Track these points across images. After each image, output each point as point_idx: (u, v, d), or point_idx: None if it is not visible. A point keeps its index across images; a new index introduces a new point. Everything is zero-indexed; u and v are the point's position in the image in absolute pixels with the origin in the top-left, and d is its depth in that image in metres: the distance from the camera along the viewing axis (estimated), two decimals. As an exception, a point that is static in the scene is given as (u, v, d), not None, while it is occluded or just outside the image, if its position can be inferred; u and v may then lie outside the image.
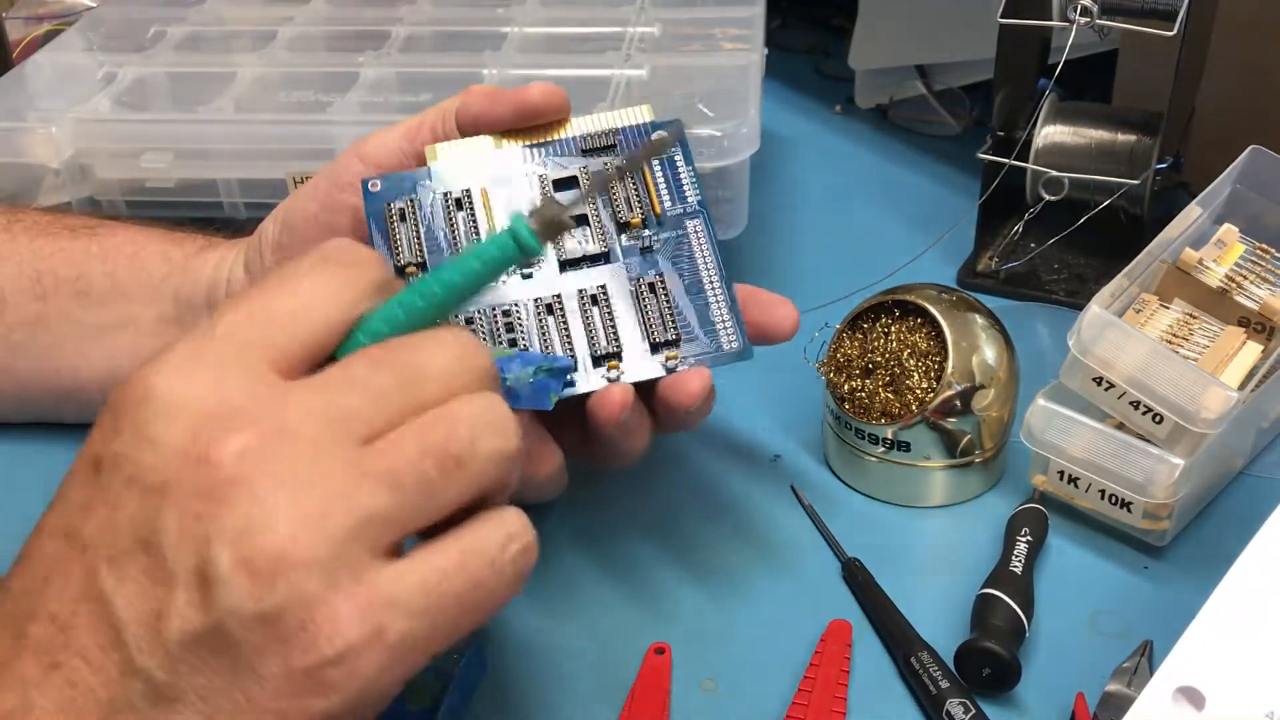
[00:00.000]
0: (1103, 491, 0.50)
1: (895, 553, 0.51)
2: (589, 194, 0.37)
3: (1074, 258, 0.68)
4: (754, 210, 0.66)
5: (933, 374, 0.51)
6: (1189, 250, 0.53)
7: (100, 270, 0.55)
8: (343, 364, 0.33)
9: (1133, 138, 0.65)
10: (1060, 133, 0.66)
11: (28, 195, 0.67)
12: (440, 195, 0.48)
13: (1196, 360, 0.50)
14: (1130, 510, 0.50)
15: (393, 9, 0.79)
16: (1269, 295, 0.51)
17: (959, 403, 0.51)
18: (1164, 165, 0.64)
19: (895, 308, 0.53)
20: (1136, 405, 0.49)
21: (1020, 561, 0.48)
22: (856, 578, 0.49)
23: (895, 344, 0.52)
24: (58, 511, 0.33)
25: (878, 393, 0.52)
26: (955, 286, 0.60)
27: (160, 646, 0.30)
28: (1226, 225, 0.54)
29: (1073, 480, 0.51)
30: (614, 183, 0.48)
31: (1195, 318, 0.52)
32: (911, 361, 0.52)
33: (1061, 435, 0.50)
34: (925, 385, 0.51)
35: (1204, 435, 0.48)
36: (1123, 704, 0.41)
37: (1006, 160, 0.64)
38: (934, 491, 0.53)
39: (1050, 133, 0.66)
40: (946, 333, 0.51)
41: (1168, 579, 0.50)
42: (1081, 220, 0.64)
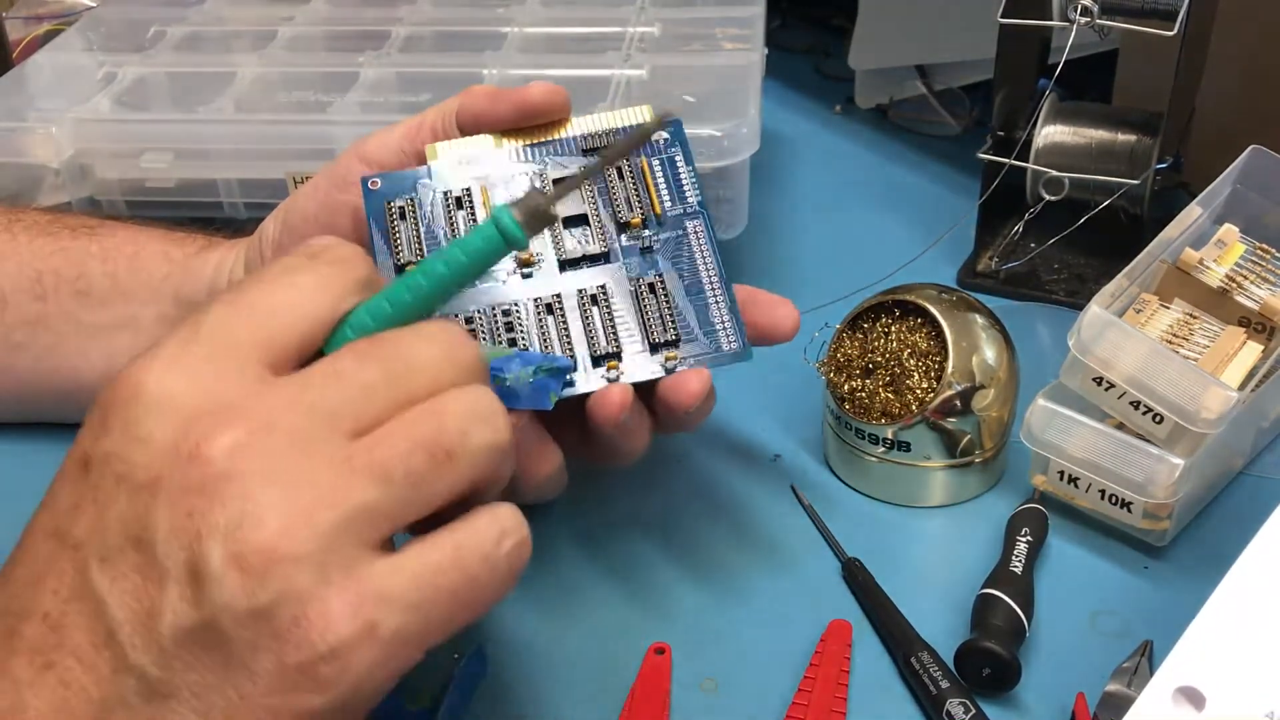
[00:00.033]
0: (1103, 491, 0.50)
1: (895, 553, 0.51)
2: (574, 186, 0.37)
3: (1074, 258, 0.68)
4: (754, 210, 0.66)
5: (933, 374, 0.51)
6: (1189, 250, 0.53)
7: (100, 270, 0.55)
8: (330, 359, 0.33)
9: (1133, 138, 0.65)
10: (1060, 133, 0.66)
11: (28, 195, 0.67)
12: (440, 194, 0.48)
13: (1196, 360, 0.50)
14: (1130, 510, 0.50)
15: (393, 9, 0.79)
16: (1269, 295, 0.51)
17: (959, 403, 0.51)
18: (1164, 165, 0.64)
19: (895, 308, 0.53)
20: (1136, 405, 0.49)
21: (1020, 561, 0.48)
22: (856, 578, 0.49)
23: (895, 344, 0.52)
24: (48, 511, 0.32)
25: (878, 393, 0.52)
26: (955, 286, 0.60)
27: (153, 643, 0.30)
28: (1226, 225, 0.54)
29: (1073, 480, 0.51)
30: (607, 172, 0.48)
31: (1195, 318, 0.52)
32: (911, 361, 0.52)
33: (1061, 435, 0.50)
34: (925, 385, 0.51)
35: (1204, 435, 0.48)
36: (1123, 704, 0.41)
37: (1006, 160, 0.64)
38: (934, 491, 0.53)
39: (1050, 133, 0.66)
40: (946, 333, 0.51)
41: (1168, 579, 0.50)
42: (1081, 220, 0.64)
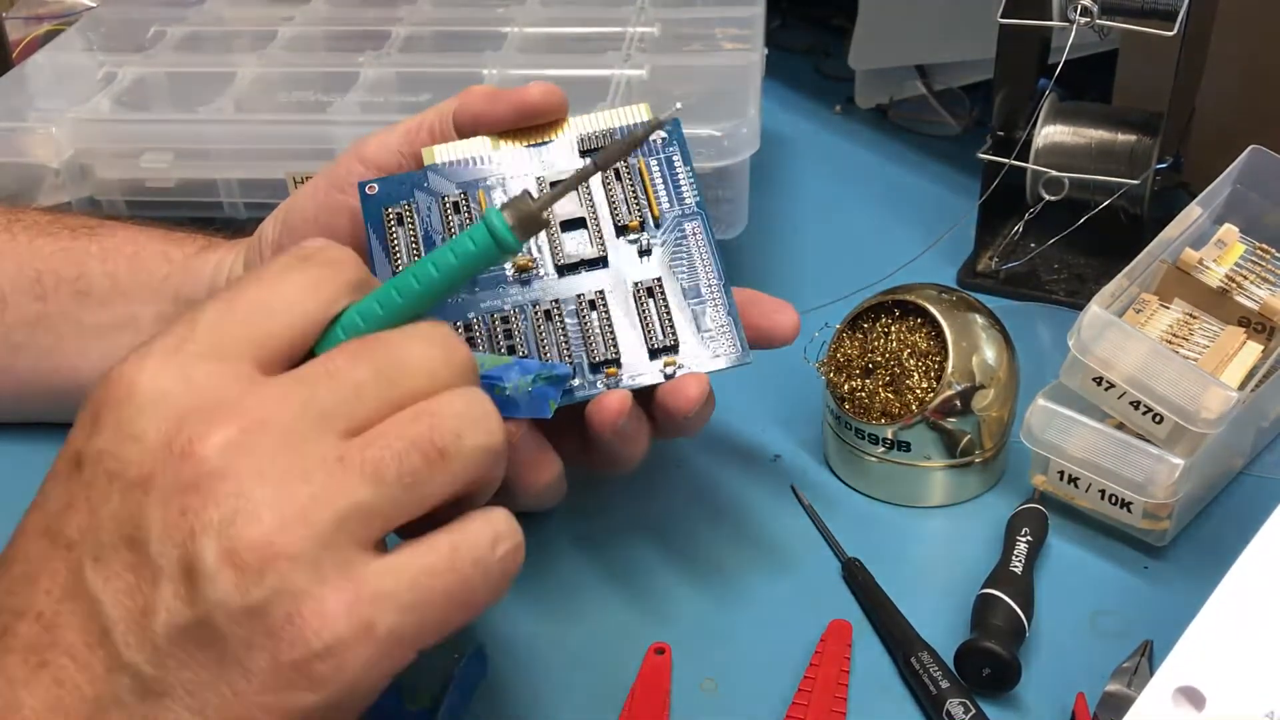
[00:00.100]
0: (1103, 491, 0.50)
1: (895, 553, 0.51)
2: (567, 189, 0.37)
3: (1074, 258, 0.68)
4: (754, 210, 0.66)
5: (933, 374, 0.51)
6: (1189, 250, 0.53)
7: (100, 270, 0.55)
8: (322, 359, 0.33)
9: (1133, 138, 0.65)
10: (1060, 133, 0.66)
11: (28, 195, 0.67)
12: (437, 198, 0.47)
13: (1196, 360, 0.50)
14: (1130, 510, 0.50)
15: (393, 9, 0.79)
16: (1269, 295, 0.51)
17: (959, 403, 0.51)
18: (1164, 165, 0.64)
19: (895, 308, 0.53)
20: (1136, 405, 0.49)
21: (1020, 561, 0.48)
22: (856, 578, 0.49)
23: (895, 344, 0.52)
24: (39, 511, 0.33)
25: (878, 393, 0.52)
26: (955, 286, 0.60)
27: (148, 641, 0.30)
28: (1226, 225, 0.54)
29: (1073, 480, 0.51)
30: (607, 181, 0.48)
31: (1195, 318, 0.52)
32: (911, 361, 0.52)
33: (1061, 435, 0.50)
34: (925, 385, 0.51)
35: (1204, 435, 0.48)
36: (1123, 704, 0.41)
37: (1006, 160, 0.64)
38: (934, 491, 0.53)
39: (1050, 133, 0.66)
40: (946, 333, 0.51)
41: (1168, 579, 0.50)
42: (1081, 220, 0.64)
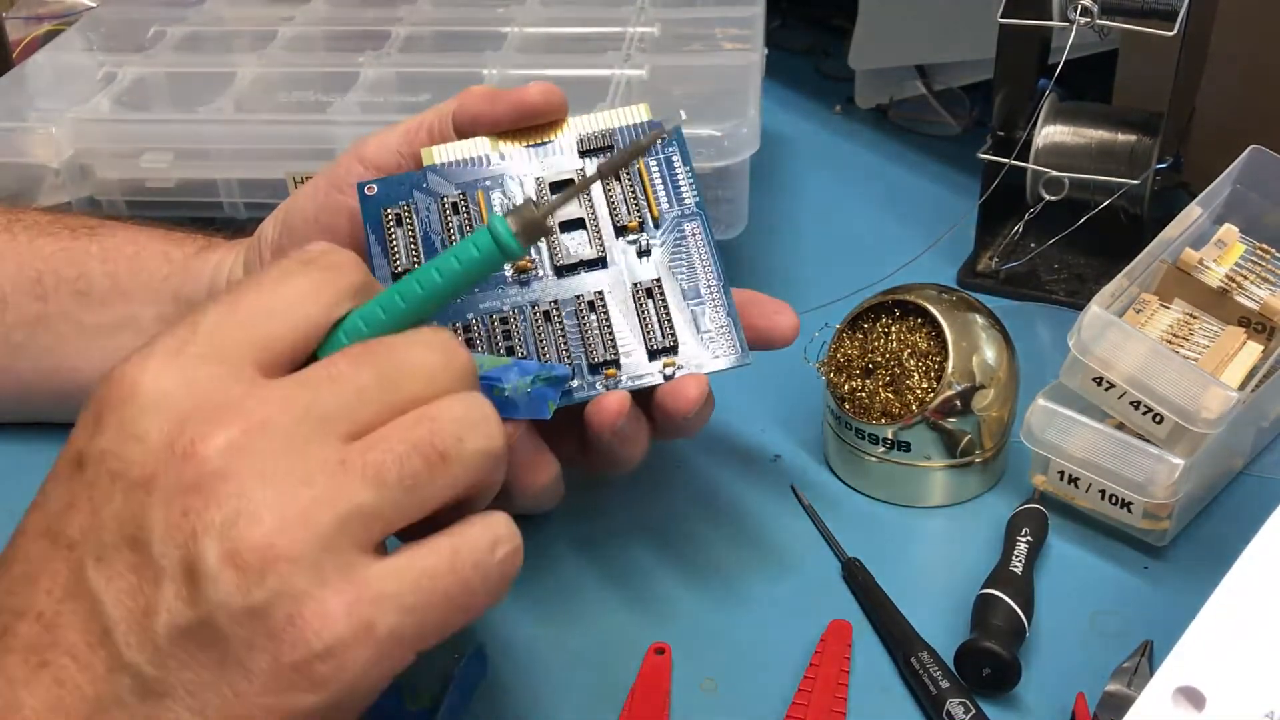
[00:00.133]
0: (1103, 491, 0.50)
1: (895, 553, 0.51)
2: (568, 198, 0.37)
3: (1074, 258, 0.68)
4: (754, 210, 0.66)
5: (933, 374, 0.51)
6: (1189, 250, 0.53)
7: (101, 270, 0.55)
8: (325, 362, 0.34)
9: (1133, 138, 0.65)
10: (1060, 133, 0.66)
11: (28, 195, 0.67)
12: (436, 198, 0.47)
13: (1196, 360, 0.50)
14: (1130, 510, 0.50)
15: (393, 9, 0.79)
16: (1269, 295, 0.51)
17: (959, 403, 0.51)
18: (1164, 165, 0.64)
19: (895, 308, 0.53)
20: (1136, 405, 0.49)
21: (1020, 561, 0.48)
22: (856, 578, 0.49)
23: (895, 344, 0.52)
24: (40, 511, 0.33)
25: (878, 393, 0.52)
26: (955, 286, 0.60)
27: (149, 641, 0.30)
28: (1226, 225, 0.54)
29: (1073, 480, 0.51)
30: (607, 182, 0.48)
31: (1195, 318, 0.52)
32: (911, 361, 0.52)
33: (1061, 435, 0.50)
34: (925, 385, 0.51)
35: (1204, 435, 0.48)
36: (1123, 704, 0.41)
37: (1006, 160, 0.64)
38: (934, 491, 0.53)
39: (1050, 133, 0.66)
40: (946, 333, 0.51)
41: (1168, 579, 0.50)
42: (1081, 220, 0.64)
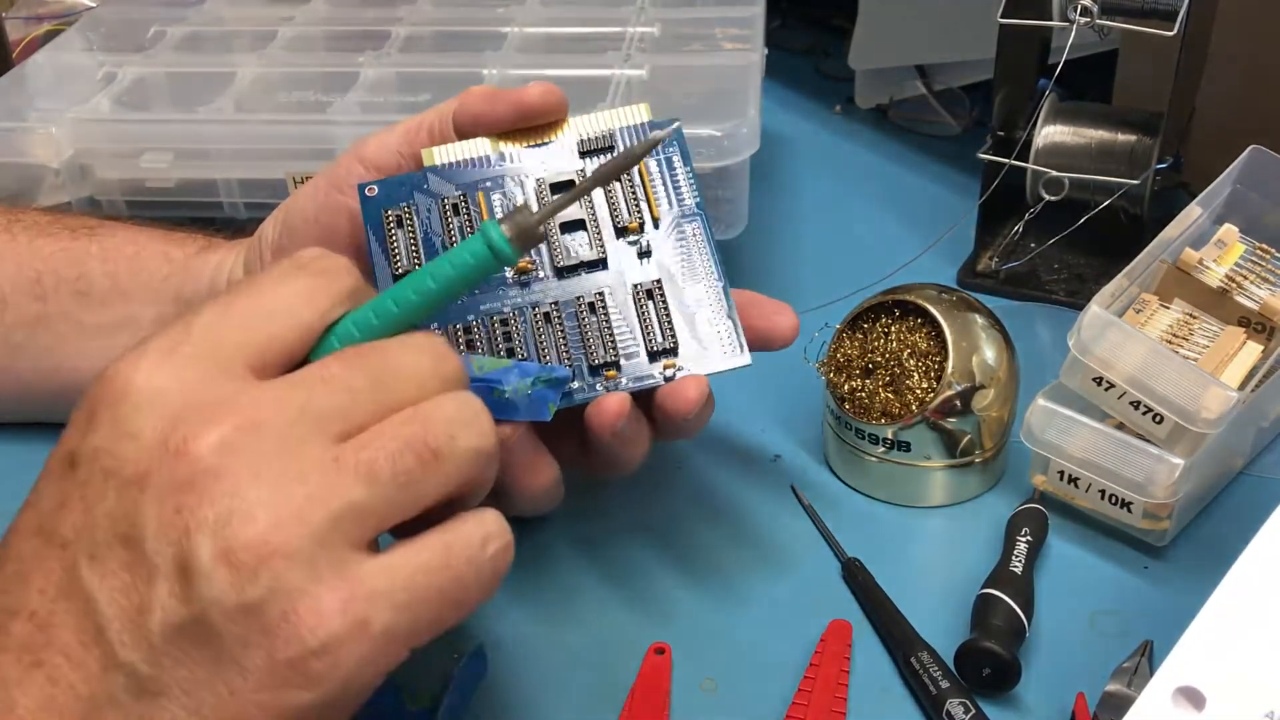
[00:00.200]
0: (1103, 491, 0.50)
1: (895, 553, 0.51)
2: (564, 205, 0.38)
3: (1074, 258, 0.68)
4: (754, 210, 0.66)
5: (933, 374, 0.51)
6: (1189, 250, 0.53)
7: (100, 270, 0.55)
8: (318, 364, 0.34)
9: (1133, 138, 0.65)
10: (1060, 133, 0.66)
11: (28, 195, 0.67)
12: (436, 199, 0.47)
13: (1196, 360, 0.50)
14: (1130, 510, 0.50)
15: (393, 9, 0.79)
16: (1269, 295, 0.51)
17: (959, 403, 0.51)
18: (1164, 165, 0.64)
19: (895, 308, 0.53)
20: (1136, 405, 0.49)
21: (1020, 561, 0.48)
22: (856, 578, 0.49)
23: (895, 344, 0.52)
24: (32, 510, 0.33)
25: (878, 393, 0.52)
26: (955, 286, 0.60)
27: (143, 640, 0.30)
28: (1226, 225, 0.54)
29: (1073, 480, 0.51)
30: (608, 186, 0.48)
31: (1195, 318, 0.52)
32: (911, 361, 0.52)
33: (1061, 435, 0.50)
34: (925, 385, 0.51)
35: (1204, 435, 0.48)
36: (1123, 704, 0.41)
37: (1006, 160, 0.64)
38: (934, 491, 0.53)
39: (1050, 133, 0.66)
40: (946, 333, 0.51)
41: (1168, 579, 0.50)
42: (1081, 220, 0.64)
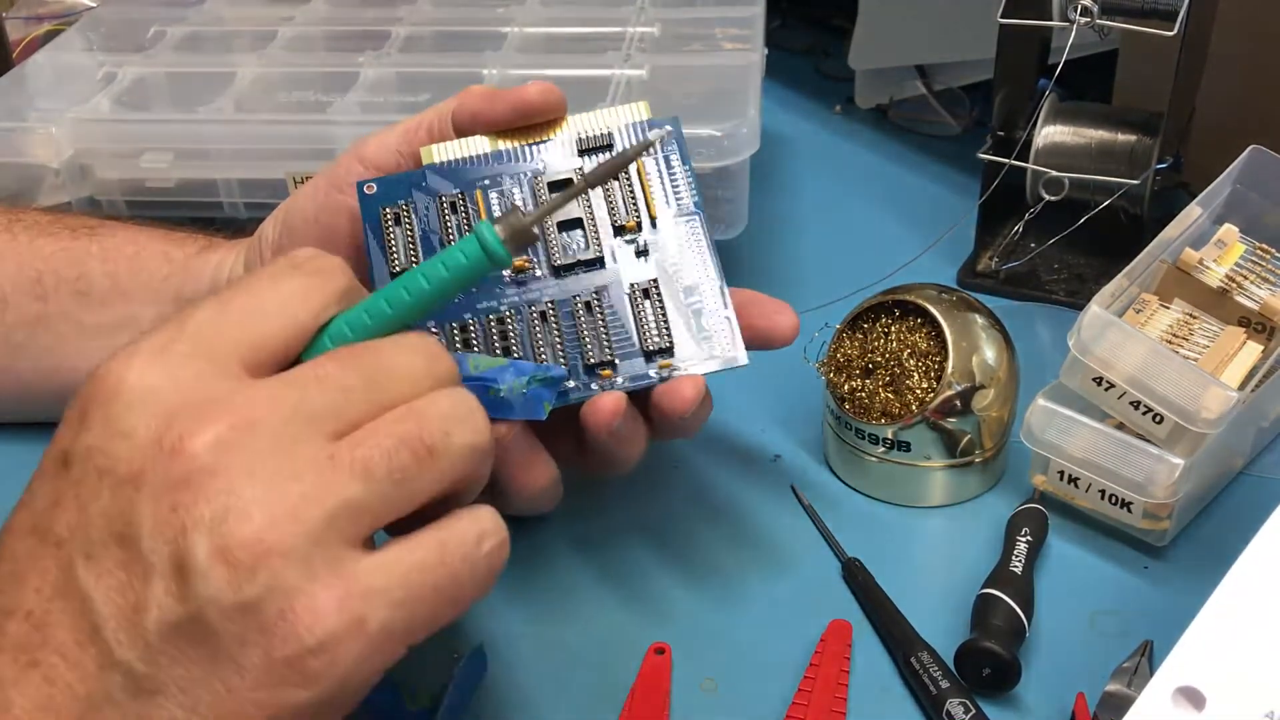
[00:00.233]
0: (1103, 491, 0.50)
1: (895, 553, 0.51)
2: (558, 205, 0.38)
3: (1074, 258, 0.68)
4: (754, 210, 0.66)
5: (933, 374, 0.51)
6: (1189, 250, 0.53)
7: (101, 270, 0.55)
8: (311, 363, 0.34)
9: (1133, 138, 0.65)
10: (1060, 133, 0.66)
11: (28, 195, 0.67)
12: (434, 197, 0.47)
13: (1196, 360, 0.50)
14: (1130, 510, 0.50)
15: (393, 9, 0.79)
16: (1269, 295, 0.51)
17: (959, 403, 0.51)
18: (1164, 165, 0.64)
19: (895, 308, 0.53)
20: (1136, 405, 0.49)
21: (1020, 561, 0.48)
22: (856, 578, 0.49)
23: (895, 344, 0.52)
24: (26, 510, 0.33)
25: (878, 393, 0.52)
26: (955, 286, 0.60)
27: (140, 638, 0.30)
28: (1226, 225, 0.54)
29: (1073, 480, 0.51)
30: (606, 185, 0.48)
31: (1195, 318, 0.52)
32: (911, 361, 0.52)
33: (1061, 435, 0.50)
34: (925, 385, 0.51)
35: (1204, 435, 0.48)
36: (1123, 704, 0.41)
37: (1006, 160, 0.64)
38: (934, 491, 0.53)
39: (1050, 133, 0.66)
40: (946, 333, 0.51)
41: (1168, 579, 0.50)
42: (1081, 220, 0.64)
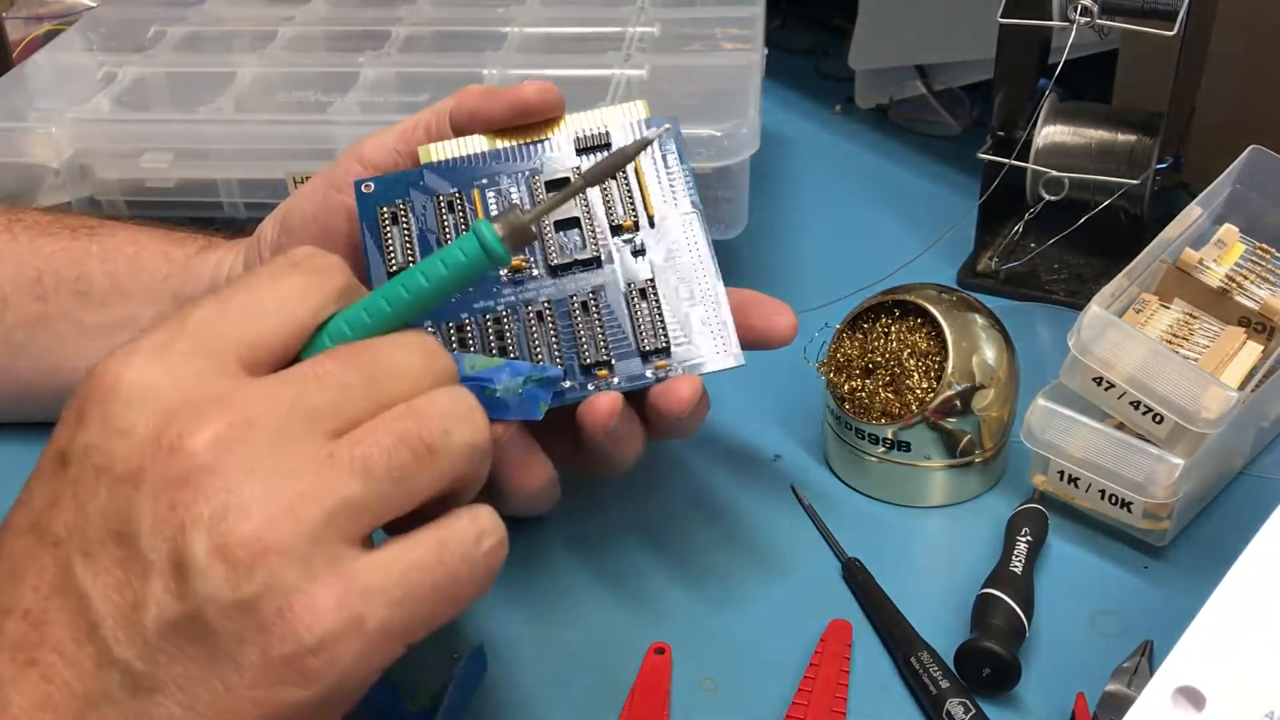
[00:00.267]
0: (1103, 491, 0.50)
1: (895, 553, 0.51)
2: (555, 205, 0.38)
3: (1074, 258, 0.68)
4: (754, 210, 0.66)
5: (933, 374, 0.51)
6: (1189, 250, 0.53)
7: (101, 270, 0.55)
8: (310, 362, 0.34)
9: (1133, 138, 0.65)
10: (1060, 133, 0.66)
11: (28, 195, 0.67)
12: (432, 196, 0.47)
13: (1196, 360, 0.50)
14: (1130, 510, 0.50)
15: (393, 9, 0.79)
16: (1269, 295, 0.51)
17: (959, 403, 0.51)
18: (1164, 165, 0.64)
19: (895, 308, 0.53)
20: (1136, 405, 0.49)
21: (1020, 561, 0.48)
22: (856, 578, 0.49)
23: (895, 344, 0.52)
24: (24, 508, 0.33)
25: (878, 393, 0.52)
26: (955, 286, 0.60)
27: (138, 636, 0.30)
28: (1226, 225, 0.54)
29: (1073, 480, 0.51)
30: (604, 185, 0.48)
31: (1195, 318, 0.52)
32: (911, 361, 0.52)
33: (1061, 435, 0.50)
34: (925, 385, 0.51)
35: (1204, 435, 0.48)
36: (1123, 704, 0.41)
37: (1006, 160, 0.64)
38: (934, 491, 0.53)
39: (1050, 133, 0.66)
40: (946, 333, 0.51)
41: (1168, 579, 0.50)
42: (1081, 220, 0.64)
